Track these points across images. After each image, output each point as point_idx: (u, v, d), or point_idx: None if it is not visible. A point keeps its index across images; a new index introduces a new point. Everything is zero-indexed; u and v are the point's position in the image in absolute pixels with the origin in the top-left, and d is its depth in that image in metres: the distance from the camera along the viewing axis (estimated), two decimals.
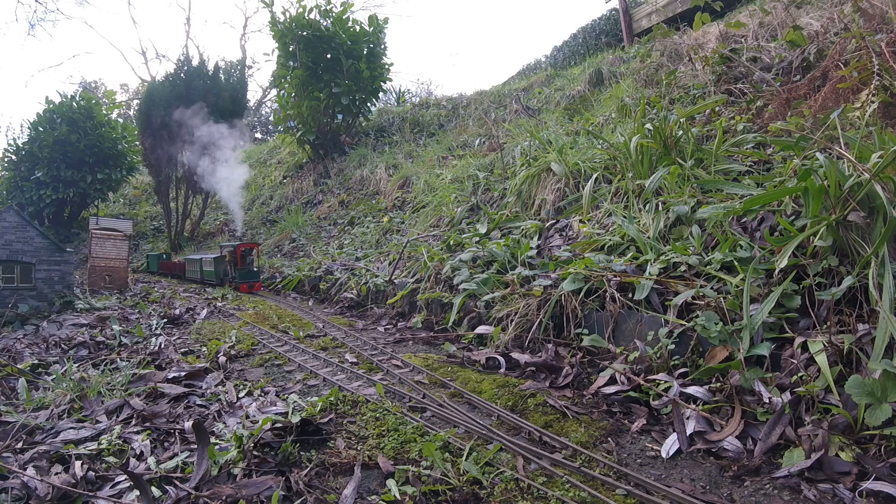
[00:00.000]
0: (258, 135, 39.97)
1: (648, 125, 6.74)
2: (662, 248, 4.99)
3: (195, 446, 3.24)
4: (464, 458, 3.07)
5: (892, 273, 3.20)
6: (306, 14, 18.52)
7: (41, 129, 20.74)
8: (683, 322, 3.93)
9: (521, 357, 4.77)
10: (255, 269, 12.37)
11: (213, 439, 3.43)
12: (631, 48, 13.25)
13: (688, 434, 3.17)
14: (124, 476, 3.04)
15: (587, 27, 18.80)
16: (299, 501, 2.72)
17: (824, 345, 3.16)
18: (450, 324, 6.25)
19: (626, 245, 5.46)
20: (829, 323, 3.34)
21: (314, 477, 2.98)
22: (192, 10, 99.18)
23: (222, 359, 5.76)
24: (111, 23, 74.16)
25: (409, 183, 13.74)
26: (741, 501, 2.59)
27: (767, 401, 3.13)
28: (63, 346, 6.84)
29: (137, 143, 21.31)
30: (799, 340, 3.34)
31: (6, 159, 21.82)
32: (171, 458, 3.29)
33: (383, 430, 3.55)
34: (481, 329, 5.61)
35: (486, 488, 2.78)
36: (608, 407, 3.74)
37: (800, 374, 3.17)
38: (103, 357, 6.15)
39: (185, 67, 19.46)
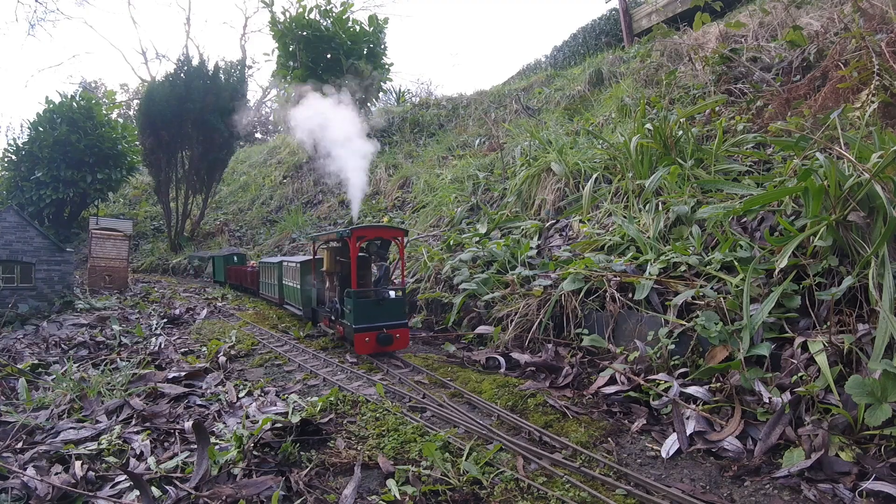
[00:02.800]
0: (258, 135, 39.97)
1: (648, 125, 6.74)
2: (662, 248, 4.99)
3: (195, 446, 3.24)
4: (464, 458, 3.07)
5: (892, 273, 3.20)
6: (306, 14, 18.54)
7: (41, 129, 20.76)
8: (683, 322, 3.94)
9: (521, 357, 4.77)
10: (393, 296, 5.68)
11: (213, 439, 3.43)
12: (631, 48, 13.24)
13: (688, 434, 3.17)
14: (124, 476, 3.04)
15: (587, 27, 18.79)
16: (299, 501, 2.72)
17: (824, 345, 3.16)
18: (450, 324, 6.25)
19: (626, 245, 5.46)
20: (829, 323, 3.34)
21: (314, 477, 2.98)
22: (192, 10, 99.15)
23: (222, 359, 5.76)
24: (111, 23, 74.11)
25: (409, 183, 13.74)
26: (741, 501, 2.59)
27: (767, 401, 3.13)
28: (63, 346, 6.84)
29: (137, 143, 21.30)
30: (799, 340, 3.34)
31: (6, 159, 21.85)
32: (171, 458, 3.29)
33: (383, 430, 3.55)
34: (481, 329, 5.61)
35: (486, 488, 2.78)
36: (608, 407, 3.74)
37: (800, 374, 3.17)
38: (103, 357, 6.15)
39: (185, 67, 19.46)
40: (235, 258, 13.72)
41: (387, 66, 20.19)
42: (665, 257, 4.71)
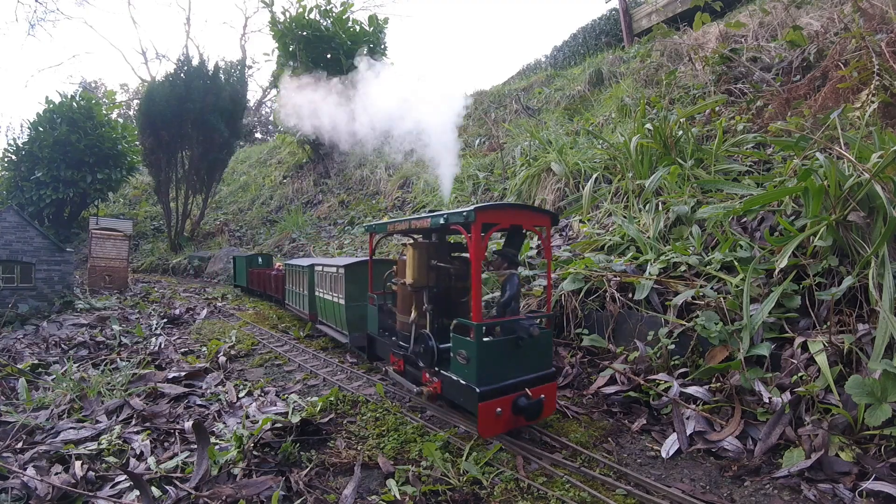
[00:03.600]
0: (258, 135, 39.99)
1: (648, 125, 6.74)
2: (662, 248, 4.98)
3: (195, 446, 3.24)
4: (464, 458, 3.07)
5: (892, 273, 3.20)
6: (306, 14, 18.55)
7: (41, 129, 20.76)
8: (683, 322, 3.93)
9: None
10: (535, 324, 3.27)
11: (213, 439, 3.43)
12: (631, 48, 13.24)
13: (688, 434, 3.17)
14: (124, 476, 3.04)
15: (587, 27, 18.80)
16: (299, 501, 2.72)
17: (824, 345, 3.16)
18: None
19: (626, 245, 5.46)
20: (829, 323, 3.34)
21: (314, 477, 2.98)
22: (192, 10, 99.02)
23: (222, 359, 5.76)
24: (111, 23, 74.09)
25: (409, 183, 13.74)
26: (741, 501, 2.59)
27: (767, 401, 3.13)
28: (63, 346, 6.84)
29: (137, 143, 21.30)
30: (799, 340, 3.34)
31: (6, 159, 21.84)
32: (171, 458, 3.29)
33: (383, 430, 3.55)
34: None
35: (486, 488, 2.78)
36: (608, 407, 3.74)
37: (800, 374, 3.17)
38: (103, 357, 6.14)
39: (185, 67, 19.46)
40: (260, 259, 11.78)
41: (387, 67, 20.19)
42: (665, 257, 4.71)
